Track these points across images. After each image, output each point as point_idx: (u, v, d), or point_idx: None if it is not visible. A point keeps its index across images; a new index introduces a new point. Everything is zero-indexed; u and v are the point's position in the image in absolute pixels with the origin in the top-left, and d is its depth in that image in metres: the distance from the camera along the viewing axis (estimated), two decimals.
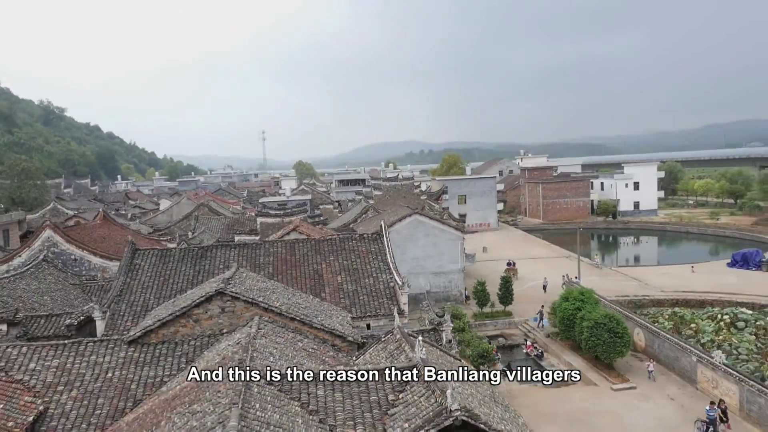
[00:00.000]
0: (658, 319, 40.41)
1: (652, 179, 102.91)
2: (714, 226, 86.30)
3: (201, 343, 18.44)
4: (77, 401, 16.56)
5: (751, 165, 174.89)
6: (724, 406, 24.49)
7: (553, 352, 34.95)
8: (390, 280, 25.61)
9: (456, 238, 45.70)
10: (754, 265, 53.83)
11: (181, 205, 67.52)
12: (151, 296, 24.53)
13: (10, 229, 45.51)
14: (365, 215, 53.24)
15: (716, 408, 24.00)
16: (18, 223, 47.91)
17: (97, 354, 17.99)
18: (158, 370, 17.56)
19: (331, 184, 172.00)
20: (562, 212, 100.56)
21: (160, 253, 26.88)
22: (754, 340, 34.95)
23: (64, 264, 31.33)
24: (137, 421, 14.80)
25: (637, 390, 28.67)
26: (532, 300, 45.23)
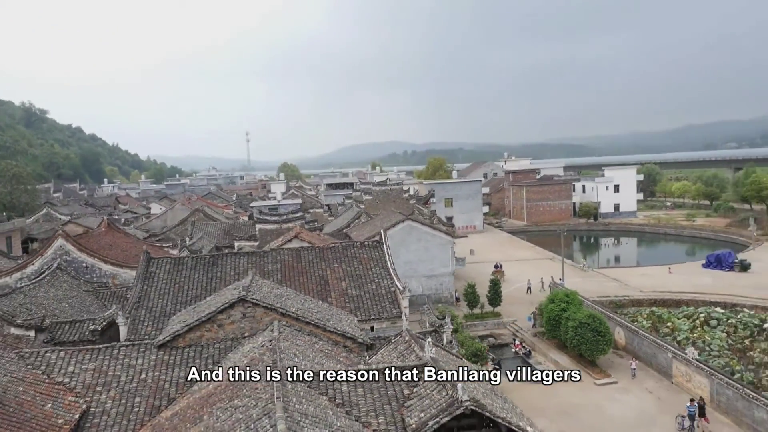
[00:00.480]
0: (637, 318, 42.90)
1: (631, 182, 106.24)
2: (690, 227, 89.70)
3: (225, 346, 20.15)
4: (116, 400, 18.21)
5: (726, 167, 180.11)
6: (702, 402, 26.70)
7: (540, 350, 37.19)
8: (391, 285, 27.56)
9: (446, 243, 47.81)
10: (727, 266, 56.75)
11: (175, 211, 68.69)
12: (168, 302, 26.17)
13: (12, 236, 46.54)
14: (358, 220, 55.07)
15: (695, 404, 26.21)
16: (19, 230, 48.89)
17: (130, 357, 19.62)
18: (188, 371, 19.28)
19: (318, 186, 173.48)
20: (545, 214, 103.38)
21: (174, 262, 28.50)
22: (725, 337, 37.57)
23: (76, 271, 32.73)
24: (177, 417, 16.55)
25: (618, 384, 31.00)
26: (519, 301, 47.53)
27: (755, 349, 35.22)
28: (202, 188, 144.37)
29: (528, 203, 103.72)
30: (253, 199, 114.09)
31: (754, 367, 32.84)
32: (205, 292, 26.89)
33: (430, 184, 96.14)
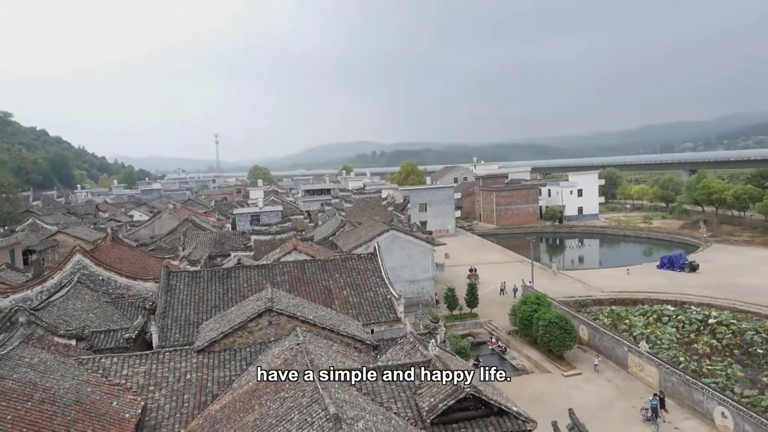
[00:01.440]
0: (599, 316, 47.80)
1: (593, 186, 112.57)
2: (647, 229, 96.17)
3: (255, 350, 23.66)
4: (167, 397, 21.60)
5: (682, 169, 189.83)
6: (663, 396, 31.10)
7: (514, 347, 41.60)
8: (387, 293, 31.44)
9: (427, 250, 51.94)
10: (678, 267, 62.47)
11: (163, 220, 70.98)
12: (191, 312, 29.49)
13: (15, 249, 48.60)
14: (343, 228, 58.65)
15: (657, 397, 30.52)
16: (20, 242, 50.93)
17: (174, 361, 23.01)
18: (226, 372, 22.72)
19: (292, 189, 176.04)
20: (514, 218, 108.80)
21: (192, 275, 31.78)
22: (675, 332, 42.69)
23: (94, 284, 35.53)
24: (226, 409, 20.09)
25: (582, 375, 35.56)
26: (493, 303, 51.99)
27: (699, 342, 40.36)
28: (177, 194, 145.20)
29: (498, 207, 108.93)
30: (231, 205, 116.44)
31: (698, 357, 37.89)
32: (223, 303, 30.30)
33: (406, 190, 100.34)
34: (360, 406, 16.93)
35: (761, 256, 68.89)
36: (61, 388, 19.85)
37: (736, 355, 38.56)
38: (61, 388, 19.82)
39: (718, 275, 59.71)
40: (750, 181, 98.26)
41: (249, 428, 17.58)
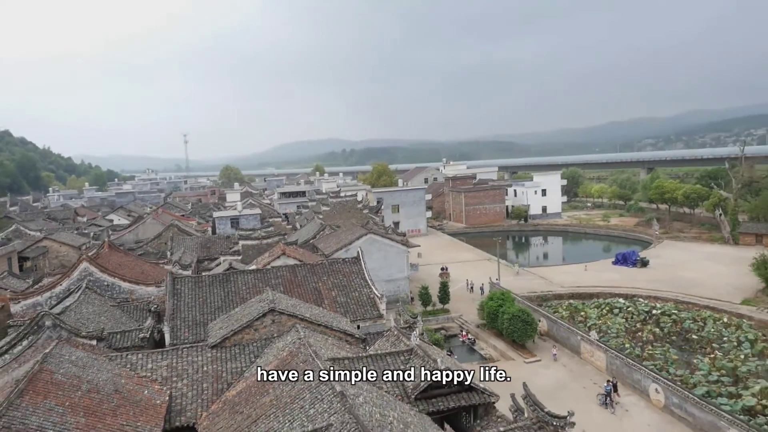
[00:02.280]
0: (558, 309, 52.83)
1: (556, 186, 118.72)
2: (606, 227, 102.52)
3: (260, 345, 27.49)
4: (189, 387, 25.30)
5: (641, 167, 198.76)
6: (615, 381, 35.74)
7: (483, 338, 46.23)
8: (370, 293, 35.58)
9: (402, 252, 56.21)
10: (631, 263, 68.24)
11: (147, 225, 73.48)
12: (196, 313, 33.08)
13: (12, 256, 50.92)
14: (323, 232, 62.44)
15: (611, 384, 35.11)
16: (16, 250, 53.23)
17: (192, 355, 26.69)
18: (237, 363, 26.49)
19: (265, 190, 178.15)
20: (482, 217, 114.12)
21: (195, 280, 35.33)
22: (624, 322, 47.93)
23: (100, 289, 38.62)
24: (242, 394, 23.95)
25: (541, 362, 40.34)
26: (463, 299, 56.61)
27: (644, 330, 45.63)
28: (151, 196, 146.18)
29: (466, 207, 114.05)
30: (208, 207, 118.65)
31: (642, 344, 43.07)
32: (224, 304, 33.97)
33: (379, 192, 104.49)
34: (358, 386, 21.05)
35: (706, 251, 75.33)
36: (101, 380, 23.39)
37: (675, 341, 43.93)
38: (101, 380, 23.37)
39: (666, 270, 65.64)
40: (699, 180, 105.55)
41: (266, 407, 21.53)
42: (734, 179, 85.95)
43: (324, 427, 17.38)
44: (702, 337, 43.65)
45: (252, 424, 20.72)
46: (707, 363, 38.10)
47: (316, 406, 19.21)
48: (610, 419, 31.74)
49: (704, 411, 28.39)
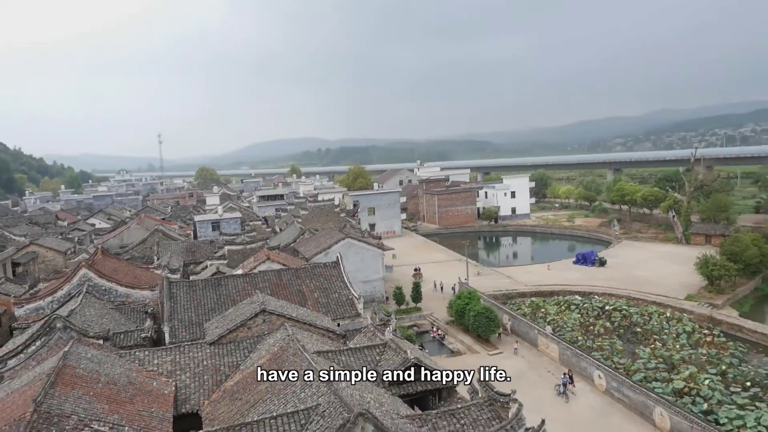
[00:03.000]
0: (521, 306, 57.44)
1: (525, 188, 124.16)
2: (570, 227, 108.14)
3: (253, 341, 31.18)
4: (191, 379, 28.92)
5: (607, 168, 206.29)
6: (571, 374, 40.20)
7: (451, 334, 50.57)
8: (349, 294, 39.52)
9: (378, 255, 60.23)
10: (590, 263, 73.45)
11: (131, 230, 76.01)
12: (192, 314, 36.58)
13: (6, 262, 53.35)
14: (303, 236, 66.04)
15: (567, 375, 39.57)
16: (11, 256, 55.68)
17: (192, 351, 30.27)
18: (233, 358, 30.14)
19: (242, 191, 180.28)
20: (454, 218, 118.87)
21: (189, 284, 38.79)
22: (579, 317, 52.74)
23: (98, 293, 41.69)
24: (240, 383, 27.69)
25: (503, 354, 44.80)
26: (435, 298, 60.90)
27: (596, 325, 50.47)
28: (129, 199, 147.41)
29: (439, 209, 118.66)
30: (187, 210, 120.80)
31: (593, 337, 47.86)
32: (217, 306, 37.52)
33: (355, 195, 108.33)
34: (334, 377, 25.01)
35: (660, 251, 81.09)
36: (116, 374, 26.90)
37: (623, 334, 48.87)
38: (115, 374, 26.88)
39: (622, 269, 70.99)
40: (658, 183, 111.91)
41: (263, 393, 25.34)
42: (687, 183, 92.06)
43: (313, 406, 21.30)
44: (646, 329, 48.67)
45: (250, 408, 24.51)
46: (648, 352, 43.00)
47: (306, 391, 23.12)
48: (559, 402, 36.27)
49: (637, 393, 33.10)
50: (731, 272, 57.84)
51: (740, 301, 57.97)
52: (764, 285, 63.49)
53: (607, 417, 33.90)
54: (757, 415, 31.88)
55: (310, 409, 21.25)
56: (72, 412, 21.94)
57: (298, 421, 20.79)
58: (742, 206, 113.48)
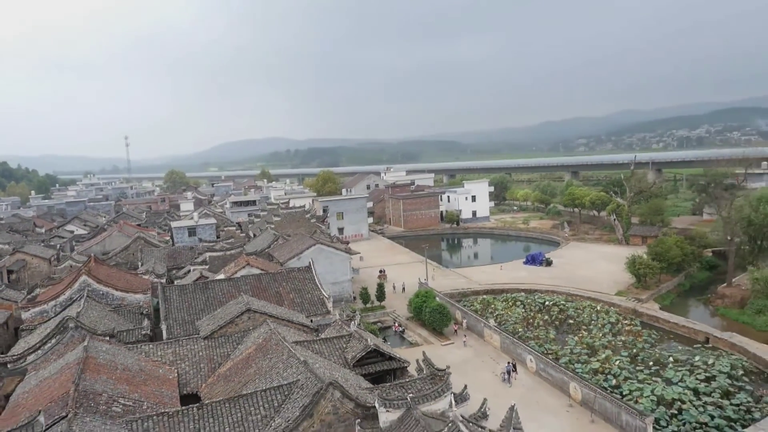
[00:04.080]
0: (474, 303, 64.53)
1: (484, 192, 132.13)
2: (526, 229, 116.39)
3: (240, 335, 37.24)
4: (190, 367, 34.90)
5: (566, 171, 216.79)
6: (514, 363, 47.00)
7: (410, 328, 57.33)
8: (320, 294, 45.88)
9: (345, 259, 66.60)
10: (539, 263, 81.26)
11: (113, 237, 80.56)
12: (184, 314, 42.40)
13: (2, 270, 57.83)
14: (276, 242, 71.90)
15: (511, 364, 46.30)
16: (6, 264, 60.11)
17: (189, 345, 36.22)
18: (224, 349, 36.15)
19: (213, 195, 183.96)
20: (418, 221, 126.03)
21: (180, 288, 44.57)
22: (522, 312, 60.15)
23: (97, 297, 46.95)
24: (232, 369, 33.87)
25: (454, 345, 51.75)
26: (397, 297, 67.55)
27: (536, 318, 57.94)
28: (103, 206, 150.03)
29: (405, 213, 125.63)
30: (160, 215, 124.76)
31: (533, 328, 55.26)
32: (206, 307, 43.40)
33: (325, 201, 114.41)
34: (314, 358, 31.46)
35: (602, 251, 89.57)
36: (128, 363, 32.76)
37: (558, 325, 56.43)
38: (128, 363, 32.73)
39: (566, 268, 78.97)
40: (605, 187, 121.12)
41: (251, 376, 31.58)
42: (628, 188, 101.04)
43: (294, 381, 27.70)
44: (578, 321, 56.35)
45: (242, 387, 30.74)
46: (576, 340, 50.56)
47: (288, 371, 29.50)
48: (497, 383, 43.31)
49: (558, 372, 40.42)
50: (655, 270, 66.14)
51: (663, 295, 66.28)
52: (686, 281, 72.17)
53: (536, 392, 41.07)
54: (652, 387, 39.50)
55: (291, 384, 27.67)
56: (102, 390, 27.88)
57: (283, 393, 27.18)
58: (682, 208, 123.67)
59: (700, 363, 43.70)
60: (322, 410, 25.05)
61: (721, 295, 63.11)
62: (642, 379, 41.52)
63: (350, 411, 25.47)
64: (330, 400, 25.20)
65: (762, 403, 38.23)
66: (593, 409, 36.44)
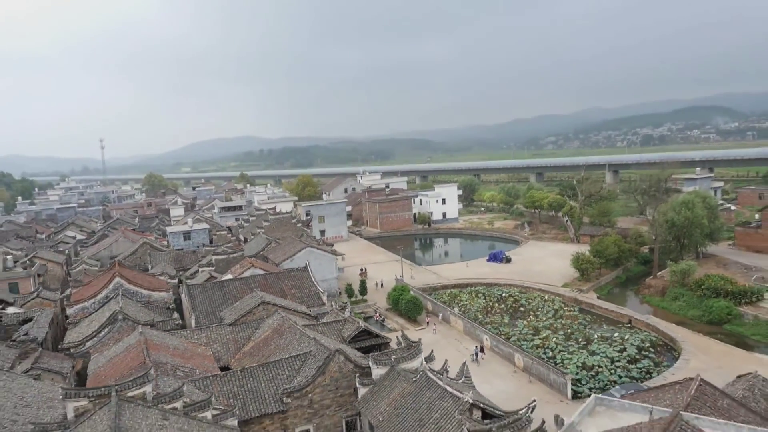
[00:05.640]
0: (443, 296, 75.48)
1: (454, 195, 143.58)
2: (491, 229, 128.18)
3: (257, 323, 47.19)
4: (220, 346, 44.83)
5: (531, 172, 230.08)
6: (482, 345, 57.84)
7: (389, 317, 67.94)
8: (316, 290, 56.16)
9: (332, 259, 76.86)
10: (499, 260, 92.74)
11: (120, 243, 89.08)
12: (207, 307, 52.21)
13: (35, 274, 66.50)
14: (269, 245, 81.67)
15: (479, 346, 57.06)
16: None
17: (217, 331, 46.11)
18: (246, 333, 46.06)
19: (195, 198, 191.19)
20: (393, 223, 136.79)
21: (201, 286, 54.33)
22: (483, 302, 71.31)
23: (128, 295, 56.22)
24: (255, 347, 44.06)
25: (425, 330, 62.54)
26: (377, 292, 78.06)
27: (494, 307, 69.17)
28: (91, 211, 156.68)
29: (380, 215, 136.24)
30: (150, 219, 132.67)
31: (491, 315, 66.42)
32: (224, 301, 53.22)
33: (308, 206, 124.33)
34: (320, 336, 41.82)
35: (556, 249, 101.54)
36: (174, 344, 42.58)
37: (512, 313, 67.72)
38: (174, 344, 42.55)
39: (523, 264, 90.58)
40: (562, 190, 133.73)
41: (272, 351, 41.81)
42: (579, 192, 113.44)
43: (307, 352, 38.03)
44: (529, 309, 67.79)
45: (265, 359, 40.90)
46: (525, 324, 61.90)
47: (301, 345, 39.81)
48: (461, 358, 54.14)
49: (507, 347, 51.57)
50: (595, 266, 78.12)
51: (602, 287, 78.27)
52: (623, 274, 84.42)
53: (489, 363, 52.10)
54: (578, 357, 50.95)
55: (305, 354, 37.99)
56: (165, 362, 37.76)
57: (300, 360, 37.52)
58: (631, 208, 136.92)
59: (618, 338, 55.42)
60: (332, 369, 35.50)
61: (648, 285, 75.33)
62: (572, 351, 52.99)
63: (351, 370, 35.98)
64: (337, 362, 35.67)
65: (660, 366, 49.98)
66: (531, 373, 47.66)
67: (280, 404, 34.19)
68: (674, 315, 64.47)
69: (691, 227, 76.50)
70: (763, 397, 30.16)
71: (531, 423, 26.69)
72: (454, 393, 29.26)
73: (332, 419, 35.65)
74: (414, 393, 31.40)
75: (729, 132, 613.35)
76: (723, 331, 58.87)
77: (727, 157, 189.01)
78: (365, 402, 33.79)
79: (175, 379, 34.89)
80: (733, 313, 60.28)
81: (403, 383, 32.79)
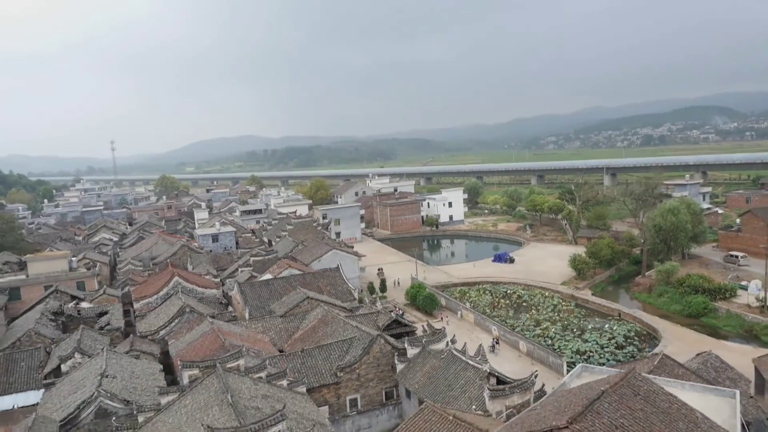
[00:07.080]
0: (453, 293, 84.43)
1: (459, 199, 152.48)
2: (494, 231, 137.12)
3: (303, 315, 56.14)
4: (275, 334, 53.80)
5: (533, 174, 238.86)
6: (498, 338, 66.64)
7: (408, 312, 76.86)
8: (347, 287, 65.17)
9: (354, 260, 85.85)
10: (504, 261, 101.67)
11: (159, 245, 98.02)
12: (257, 302, 61.21)
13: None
14: (297, 247, 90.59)
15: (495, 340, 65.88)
16: None
17: (270, 321, 55.09)
18: (294, 324, 55.02)
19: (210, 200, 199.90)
20: (403, 225, 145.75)
21: (251, 284, 63.37)
22: (490, 298, 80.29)
23: (185, 292, 65.11)
24: (303, 335, 53.16)
25: (441, 323, 71.45)
26: (395, 289, 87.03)
27: (500, 303, 78.16)
28: (117, 213, 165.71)
29: (391, 218, 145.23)
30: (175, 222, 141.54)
31: (497, 310, 75.37)
32: (270, 297, 62.16)
33: (324, 209, 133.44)
34: (359, 326, 50.86)
35: (555, 250, 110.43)
36: (239, 331, 51.55)
37: (516, 307, 76.70)
38: (239, 331, 51.52)
39: (525, 264, 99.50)
40: (561, 194, 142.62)
41: (320, 337, 50.92)
42: (578, 197, 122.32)
43: (352, 337, 47.05)
44: (530, 304, 76.77)
45: (315, 344, 49.92)
46: (527, 317, 70.89)
47: (346, 332, 48.84)
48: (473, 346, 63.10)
49: (513, 336, 60.60)
50: (590, 266, 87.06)
51: (597, 285, 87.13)
52: (616, 274, 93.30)
53: (499, 349, 61.18)
54: (574, 344, 60.00)
55: (351, 339, 47.00)
56: (238, 345, 46.71)
57: (347, 344, 46.55)
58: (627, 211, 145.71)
59: (607, 329, 64.43)
60: (374, 350, 44.52)
61: (637, 284, 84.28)
62: (568, 339, 62.01)
63: (389, 351, 45.00)
64: (378, 344, 44.70)
65: (643, 352, 58.94)
66: (533, 357, 56.70)
67: (335, 377, 43.24)
68: (659, 309, 73.38)
69: (677, 231, 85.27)
70: (713, 368, 39.12)
71: (534, 385, 35.69)
72: (475, 365, 38.29)
73: (375, 389, 44.69)
74: (442, 366, 40.43)
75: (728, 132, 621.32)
76: (700, 323, 67.76)
77: (719, 161, 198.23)
78: (403, 375, 42.83)
79: (250, 358, 43.89)
80: (708, 308, 69.13)
81: (433, 360, 41.82)
